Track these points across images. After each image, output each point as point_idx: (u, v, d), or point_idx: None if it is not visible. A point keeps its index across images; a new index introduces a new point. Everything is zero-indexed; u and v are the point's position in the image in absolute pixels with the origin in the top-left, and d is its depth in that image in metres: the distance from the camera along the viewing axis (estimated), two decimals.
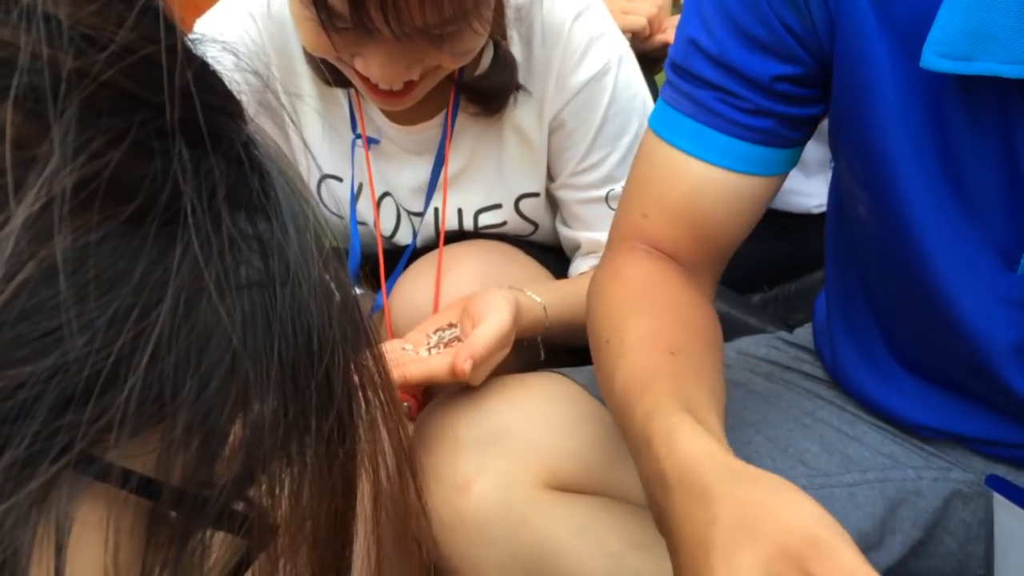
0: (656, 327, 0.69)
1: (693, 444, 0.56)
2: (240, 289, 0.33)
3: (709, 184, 0.76)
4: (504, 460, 0.81)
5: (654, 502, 0.58)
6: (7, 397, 0.28)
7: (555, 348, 0.97)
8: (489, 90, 0.97)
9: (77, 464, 0.29)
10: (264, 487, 0.35)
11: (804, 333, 0.98)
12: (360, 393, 0.39)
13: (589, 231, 1.05)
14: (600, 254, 1.03)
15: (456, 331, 0.88)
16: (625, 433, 0.64)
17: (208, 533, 0.34)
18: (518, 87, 0.97)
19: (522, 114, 1.00)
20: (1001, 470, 0.84)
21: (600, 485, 0.83)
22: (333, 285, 0.38)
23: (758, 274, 1.40)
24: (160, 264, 0.31)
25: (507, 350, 0.86)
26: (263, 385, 0.33)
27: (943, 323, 0.73)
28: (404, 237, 1.08)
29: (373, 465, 0.42)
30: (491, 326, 0.84)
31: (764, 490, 0.53)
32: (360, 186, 1.05)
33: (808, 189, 1.44)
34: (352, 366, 0.38)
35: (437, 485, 0.81)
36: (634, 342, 0.68)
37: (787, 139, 0.75)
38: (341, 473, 0.38)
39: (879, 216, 0.73)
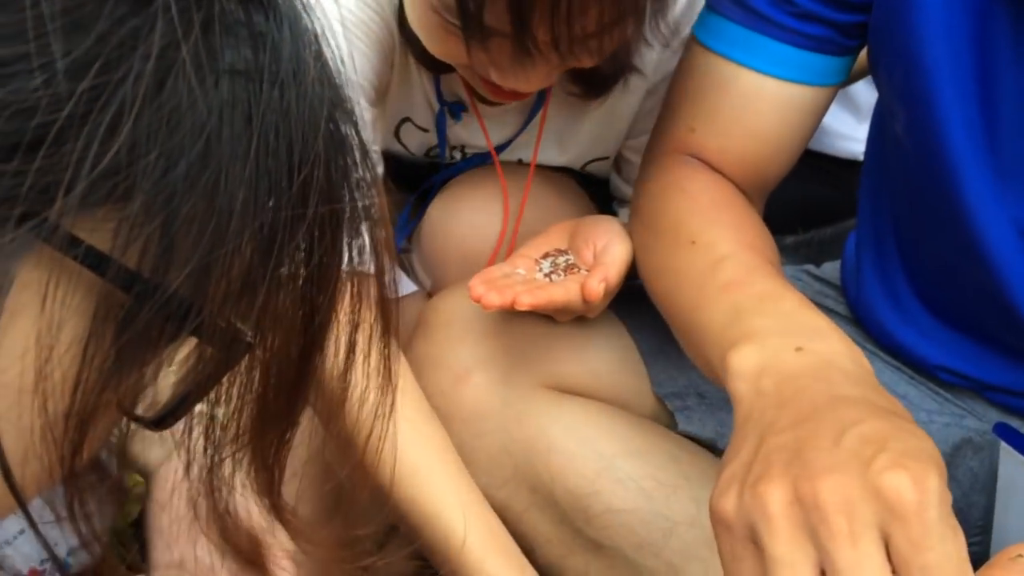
0: (745, 239, 0.68)
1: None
2: (222, 74, 0.31)
3: (761, 94, 0.73)
4: (506, 355, 0.80)
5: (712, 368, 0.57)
6: None
7: None
8: (599, 76, 0.85)
9: (22, 218, 0.28)
10: (224, 298, 0.34)
11: (831, 268, 0.95)
12: (342, 250, 0.38)
13: None
14: None
15: (569, 257, 0.81)
16: (703, 323, 0.62)
17: (169, 337, 0.33)
18: (633, 69, 0.86)
19: (621, 91, 0.89)
20: (1016, 422, 0.81)
21: (603, 392, 0.82)
22: (335, 127, 0.36)
23: (794, 216, 1.36)
24: (131, 20, 0.29)
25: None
26: (233, 182, 0.32)
27: (968, 254, 0.70)
28: None
29: (348, 332, 0.41)
30: (622, 252, 0.78)
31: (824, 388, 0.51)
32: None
33: (858, 134, 1.40)
34: (340, 213, 0.36)
35: (436, 373, 0.80)
36: (731, 248, 0.66)
37: (841, 46, 0.72)
38: (307, 317, 0.37)
39: (913, 131, 0.70)
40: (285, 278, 0.35)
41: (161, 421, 0.36)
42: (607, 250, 0.78)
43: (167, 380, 0.37)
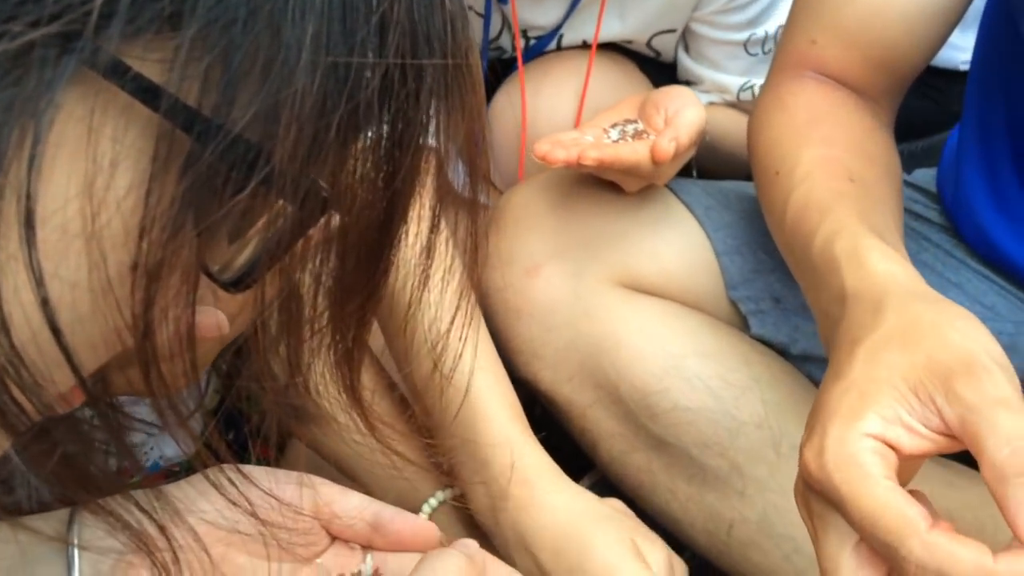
0: (830, 155, 0.65)
1: (884, 265, 0.53)
2: None
3: (888, 2, 0.69)
4: (578, 250, 0.79)
5: (829, 321, 0.55)
6: None
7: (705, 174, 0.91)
8: None
9: (64, 40, 0.27)
10: (296, 146, 0.31)
11: (923, 175, 0.91)
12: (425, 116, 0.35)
13: (716, 71, 0.97)
14: (717, 96, 0.97)
15: (639, 125, 0.81)
16: (796, 258, 0.62)
17: (237, 186, 0.31)
18: None
19: None
20: None
21: (675, 291, 0.80)
22: None
23: None
24: None
25: (694, 150, 0.79)
26: (301, 11, 0.30)
27: None
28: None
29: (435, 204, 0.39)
30: (694, 116, 0.77)
31: (941, 313, 0.49)
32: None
33: (960, 42, 1.32)
34: (424, 67, 0.34)
35: (507, 268, 0.80)
36: (807, 170, 0.64)
37: None
38: (388, 178, 0.34)
39: None
40: (363, 130, 0.33)
41: (238, 282, 0.34)
42: (679, 114, 0.77)
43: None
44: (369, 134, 0.34)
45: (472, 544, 0.47)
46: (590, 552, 0.63)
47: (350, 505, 0.52)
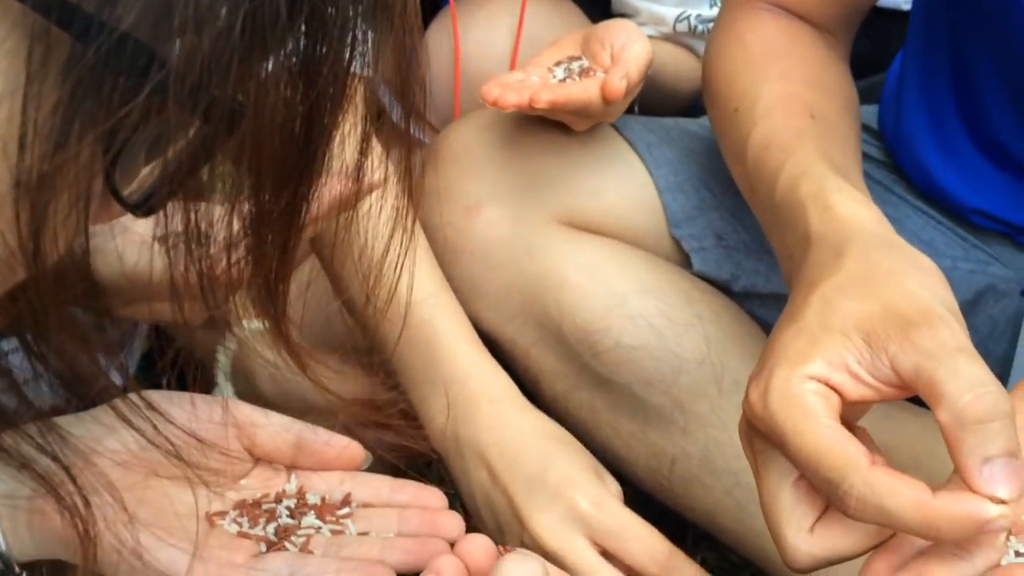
0: (789, 90, 0.64)
1: (849, 208, 0.53)
2: None
3: None
4: (518, 188, 0.78)
5: (792, 263, 0.55)
6: None
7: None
8: None
9: None
10: (193, 51, 0.28)
11: (863, 111, 0.91)
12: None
13: (651, 2, 0.95)
14: (653, 29, 0.96)
15: (584, 62, 0.78)
16: (759, 198, 0.61)
17: (127, 93, 0.28)
18: None
19: None
20: None
21: (617, 229, 0.79)
22: None
23: None
24: None
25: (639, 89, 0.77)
26: None
27: None
28: None
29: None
30: (641, 50, 0.75)
31: (900, 260, 0.49)
32: None
33: None
34: None
35: (446, 207, 0.78)
36: (768, 106, 0.63)
37: None
38: (305, 92, 0.32)
39: None
40: (272, 38, 0.30)
41: (143, 204, 0.32)
42: (625, 49, 0.75)
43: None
44: (285, 50, 0.31)
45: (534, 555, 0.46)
46: (551, 465, 0.64)
47: (270, 425, 0.51)
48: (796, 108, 0.62)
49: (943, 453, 0.74)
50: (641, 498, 0.81)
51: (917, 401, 0.45)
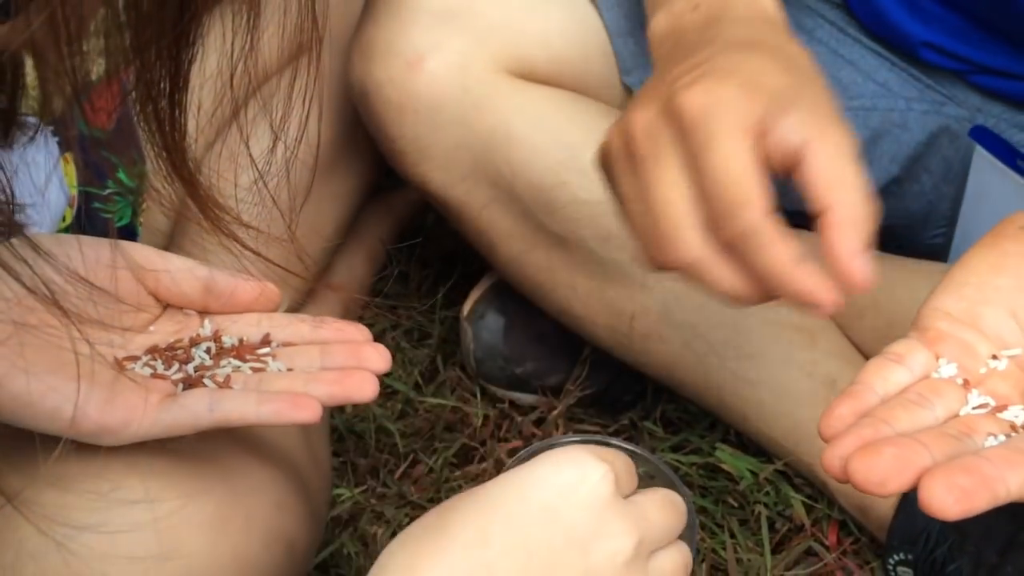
0: None
1: None
2: None
3: None
4: (462, 37, 0.73)
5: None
6: None
7: None
8: None
9: None
10: None
11: None
12: None
13: None
14: None
15: None
16: None
17: None
18: None
19: None
20: (997, 109, 0.78)
21: (568, 79, 0.76)
22: None
23: None
24: None
25: None
26: None
27: None
28: None
29: None
30: None
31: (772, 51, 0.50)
32: None
33: None
34: None
35: (386, 60, 0.73)
36: None
37: None
38: None
39: None
40: None
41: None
42: None
43: None
44: None
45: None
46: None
47: (173, 267, 0.49)
48: None
49: (902, 295, 0.75)
50: (601, 356, 0.81)
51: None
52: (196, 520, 0.48)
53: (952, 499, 0.37)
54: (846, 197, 0.44)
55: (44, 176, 0.64)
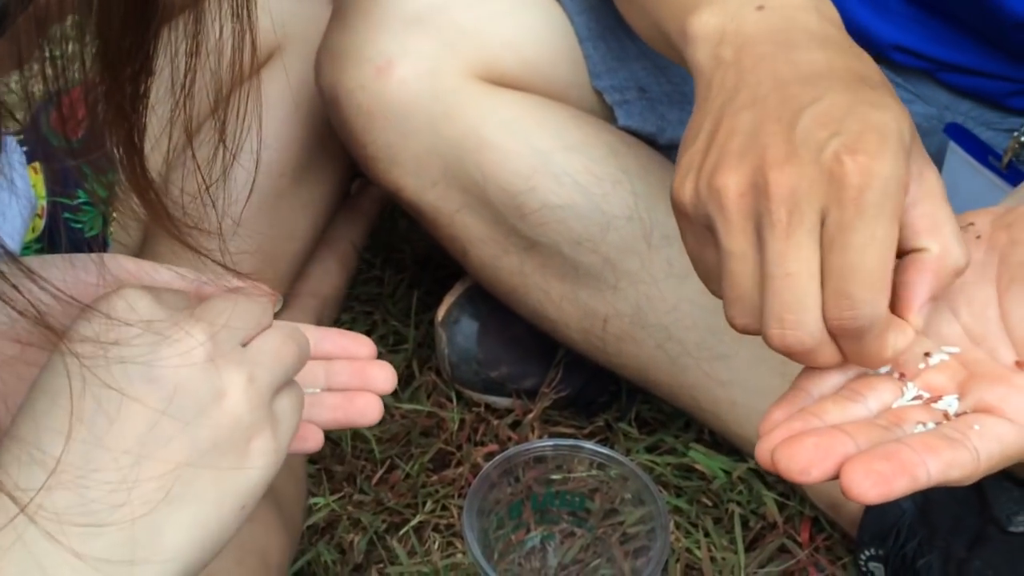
0: None
1: None
2: None
3: None
4: (432, 43, 0.73)
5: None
6: None
7: None
8: None
9: None
10: None
11: None
12: None
13: None
14: None
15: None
16: None
17: None
18: None
19: None
20: (965, 106, 0.79)
21: (538, 84, 0.76)
22: None
23: None
24: None
25: None
26: None
27: None
28: None
29: None
30: None
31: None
32: None
33: None
34: None
35: (356, 66, 0.73)
36: None
37: None
38: None
39: None
40: None
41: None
42: None
43: None
44: None
45: None
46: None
47: (160, 278, 0.48)
48: None
49: None
50: (575, 359, 0.81)
51: None
52: None
53: (869, 483, 0.38)
54: (945, 245, 0.44)
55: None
